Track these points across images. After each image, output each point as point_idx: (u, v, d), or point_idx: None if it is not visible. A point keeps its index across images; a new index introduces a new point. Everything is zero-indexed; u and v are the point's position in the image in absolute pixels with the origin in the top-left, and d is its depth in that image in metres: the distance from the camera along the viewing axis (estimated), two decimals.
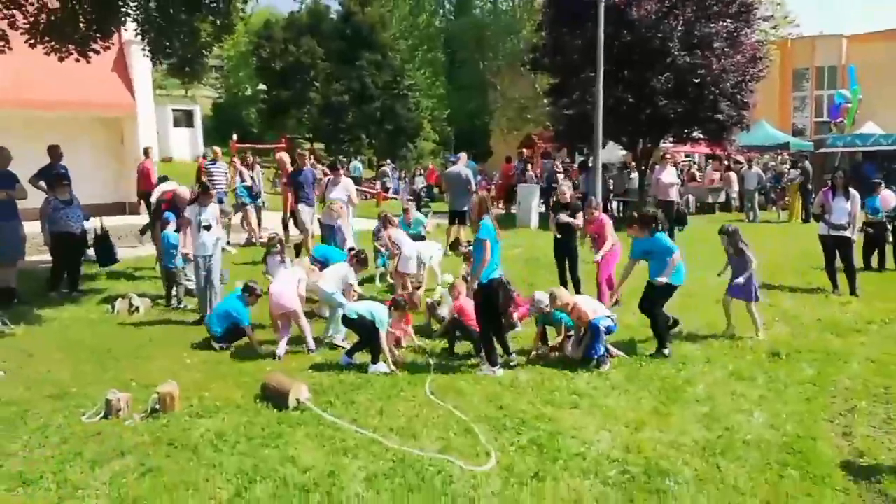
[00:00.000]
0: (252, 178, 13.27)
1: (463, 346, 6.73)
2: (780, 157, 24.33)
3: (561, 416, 5.03)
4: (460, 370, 6.14)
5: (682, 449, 4.48)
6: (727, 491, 3.98)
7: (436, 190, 25.01)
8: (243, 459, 4.29)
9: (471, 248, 7.41)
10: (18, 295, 8.60)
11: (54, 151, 9.80)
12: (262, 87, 41.53)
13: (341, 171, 10.50)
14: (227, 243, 9.53)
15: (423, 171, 26.63)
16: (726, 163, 22.03)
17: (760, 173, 19.31)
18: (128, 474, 4.11)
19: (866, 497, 3.95)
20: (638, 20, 15.14)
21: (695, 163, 26.16)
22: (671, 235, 14.31)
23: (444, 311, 7.34)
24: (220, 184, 11.90)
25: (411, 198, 22.10)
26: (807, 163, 18.91)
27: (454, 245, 8.09)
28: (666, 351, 6.44)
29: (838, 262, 9.13)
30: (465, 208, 9.88)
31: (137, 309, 8.25)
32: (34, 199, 9.05)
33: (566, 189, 8.98)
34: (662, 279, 6.46)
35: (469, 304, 6.51)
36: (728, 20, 15.86)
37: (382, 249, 10.07)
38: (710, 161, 24.13)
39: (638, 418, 4.97)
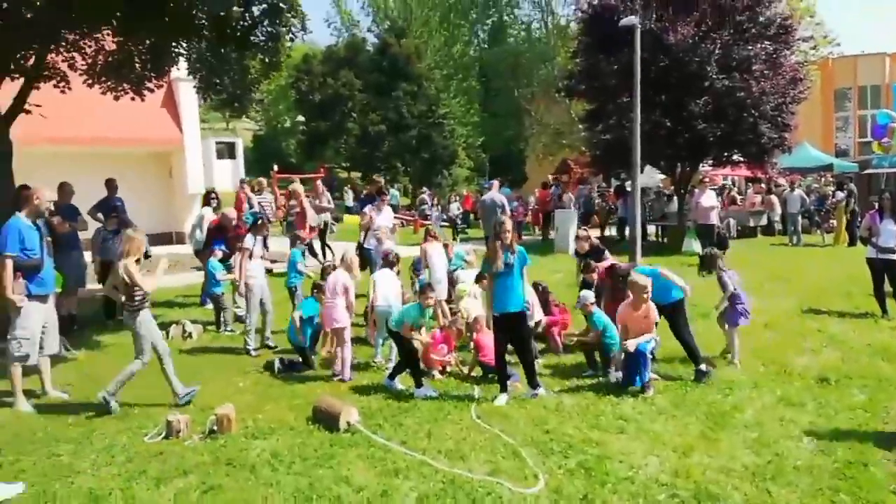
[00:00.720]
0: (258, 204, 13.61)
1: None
2: (823, 179, 23.90)
3: (608, 440, 5.06)
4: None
5: (732, 474, 4.47)
6: None
7: (471, 216, 25.26)
8: (299, 479, 4.44)
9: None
10: (78, 321, 9.00)
11: (111, 184, 10.25)
12: (300, 118, 42.58)
13: (386, 199, 10.75)
14: (306, 266, 9.76)
15: (458, 198, 26.95)
16: (765, 186, 21.71)
17: (804, 196, 18.93)
18: (191, 492, 4.29)
19: None
20: (675, 44, 15.12)
21: (734, 185, 25.78)
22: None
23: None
24: (267, 213, 12.32)
25: (445, 224, 22.34)
26: (852, 184, 18.52)
27: (478, 278, 8.21)
28: (703, 368, 6.39)
29: (887, 286, 8.95)
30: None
31: (190, 335, 8.58)
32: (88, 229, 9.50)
33: (584, 242, 8.31)
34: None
35: (488, 340, 6.57)
36: (766, 42, 15.71)
37: (423, 277, 10.23)
38: (751, 184, 23.78)
39: (686, 443, 4.96)
